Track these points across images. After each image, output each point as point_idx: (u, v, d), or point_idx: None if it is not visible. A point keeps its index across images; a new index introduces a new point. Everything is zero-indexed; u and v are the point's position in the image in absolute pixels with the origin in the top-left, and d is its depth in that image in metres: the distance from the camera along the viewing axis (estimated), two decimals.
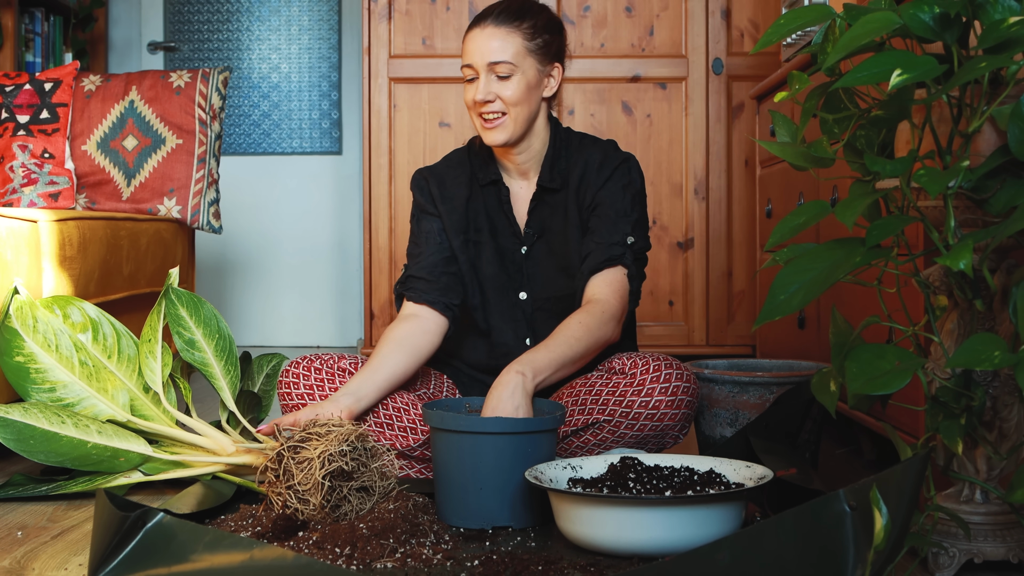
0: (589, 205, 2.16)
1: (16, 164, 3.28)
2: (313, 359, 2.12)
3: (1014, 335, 1.47)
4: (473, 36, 2.12)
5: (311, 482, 1.74)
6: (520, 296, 2.19)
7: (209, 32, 5.10)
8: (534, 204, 2.20)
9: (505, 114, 2.10)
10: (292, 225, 5.09)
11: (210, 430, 2.10)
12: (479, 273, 2.20)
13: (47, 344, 2.14)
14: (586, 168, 2.18)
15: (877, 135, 1.57)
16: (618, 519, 1.60)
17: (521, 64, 2.10)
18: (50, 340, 2.14)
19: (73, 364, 2.14)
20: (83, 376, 2.13)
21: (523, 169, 2.21)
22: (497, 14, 2.12)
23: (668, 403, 2.00)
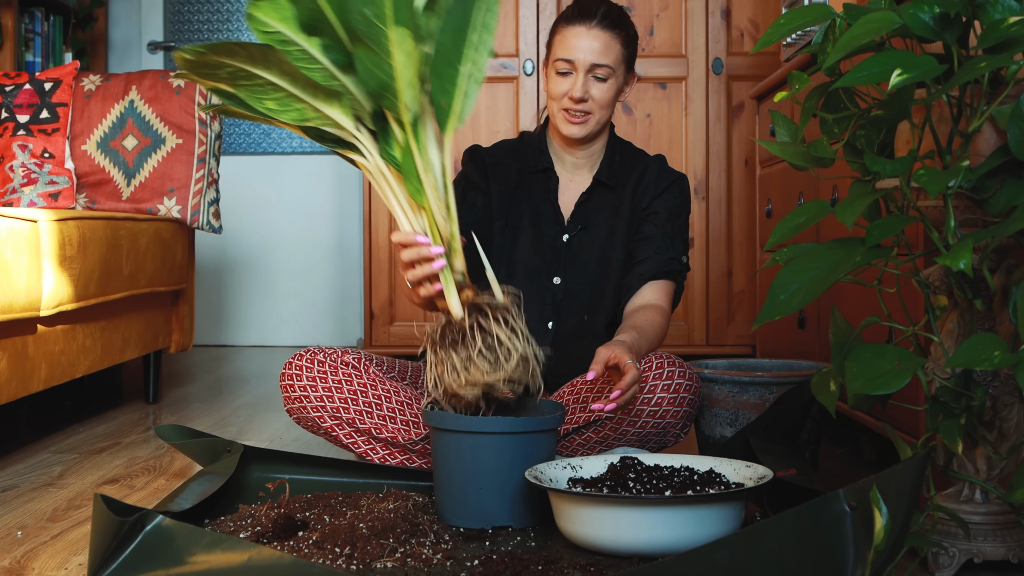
0: (645, 209, 2.25)
1: (16, 164, 3.27)
2: (316, 352, 2.13)
3: (1014, 335, 1.47)
4: (578, 33, 2.16)
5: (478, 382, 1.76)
6: (554, 281, 2.23)
7: (209, 32, 5.10)
8: (585, 197, 2.26)
9: (591, 113, 2.17)
10: (292, 225, 5.09)
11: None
12: (511, 257, 2.23)
13: None
14: (645, 173, 2.27)
15: (877, 135, 1.57)
16: (618, 519, 1.60)
17: (617, 70, 2.17)
18: None
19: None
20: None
21: (580, 164, 2.28)
22: (602, 17, 2.17)
23: (671, 400, 2.01)
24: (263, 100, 1.65)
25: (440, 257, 1.79)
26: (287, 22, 1.58)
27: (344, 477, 2.02)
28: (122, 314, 3.04)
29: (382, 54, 1.59)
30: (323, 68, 1.65)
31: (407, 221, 1.81)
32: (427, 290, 1.82)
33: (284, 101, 1.65)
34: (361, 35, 1.56)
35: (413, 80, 1.65)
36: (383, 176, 1.79)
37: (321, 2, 1.58)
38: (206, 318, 5.08)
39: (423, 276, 1.80)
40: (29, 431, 2.90)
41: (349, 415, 2.08)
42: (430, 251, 1.78)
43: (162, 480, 2.30)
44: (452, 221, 1.79)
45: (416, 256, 1.79)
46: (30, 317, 2.43)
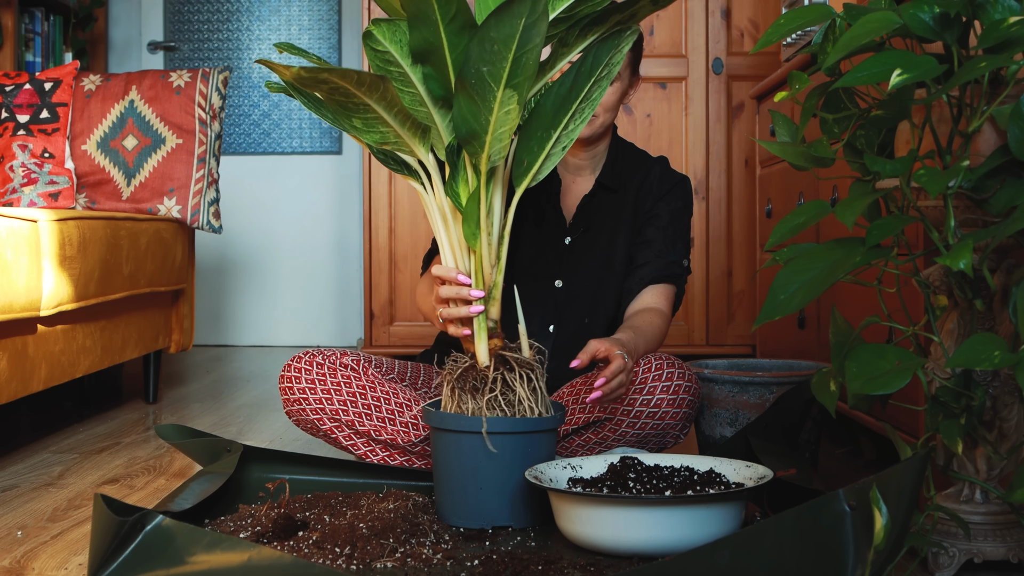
0: (647, 212, 2.24)
1: (16, 164, 3.27)
2: (315, 354, 2.13)
3: (1014, 335, 1.47)
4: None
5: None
6: (556, 284, 2.22)
7: (209, 32, 5.10)
8: (587, 199, 2.26)
9: (595, 116, 2.17)
10: (292, 225, 5.09)
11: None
12: (513, 259, 2.24)
13: None
14: (648, 176, 2.27)
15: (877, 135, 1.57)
16: (618, 519, 1.60)
17: (623, 73, 2.19)
18: None
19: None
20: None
21: (582, 166, 2.28)
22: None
23: (670, 402, 2.01)
24: (351, 117, 1.67)
25: (479, 302, 1.80)
26: (399, 45, 1.62)
27: (344, 477, 2.02)
28: (122, 314, 3.04)
29: (483, 107, 1.63)
30: (416, 94, 1.69)
31: (452, 258, 1.83)
32: (457, 329, 1.83)
33: (371, 123, 1.68)
34: (468, 85, 1.60)
35: (504, 137, 1.69)
36: (441, 210, 1.81)
37: (442, 42, 1.61)
38: (206, 318, 5.08)
39: (457, 316, 1.81)
40: (29, 431, 2.90)
41: (348, 417, 2.08)
42: (470, 294, 1.80)
43: (162, 480, 2.30)
44: (500, 271, 1.81)
45: (455, 295, 1.81)
46: (30, 317, 2.43)
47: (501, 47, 1.55)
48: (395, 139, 1.72)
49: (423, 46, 1.62)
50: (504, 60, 1.57)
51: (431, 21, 1.57)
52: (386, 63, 1.65)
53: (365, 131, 1.70)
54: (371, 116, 1.66)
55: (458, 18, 1.58)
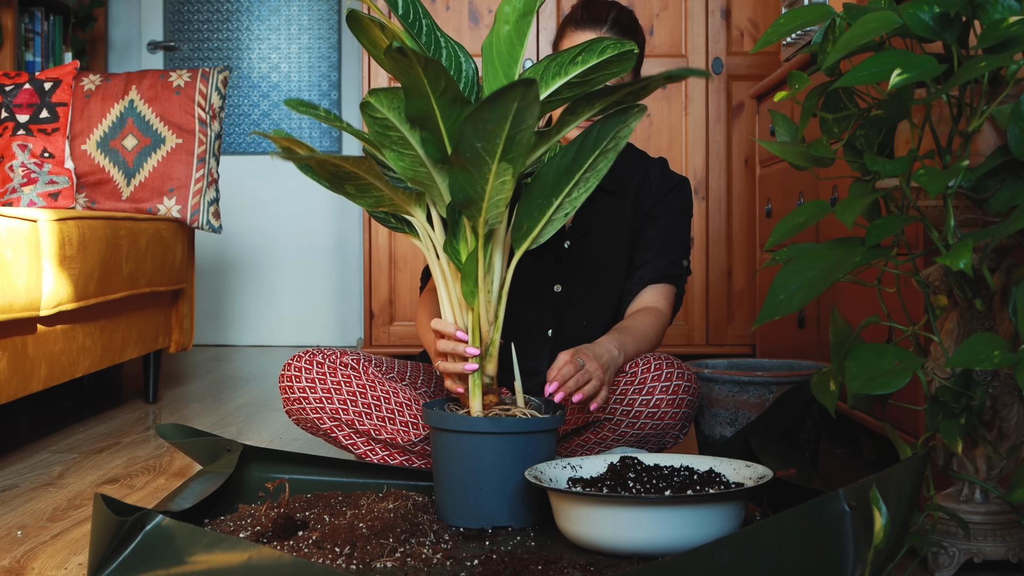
0: (646, 213, 2.23)
1: (16, 163, 3.27)
2: (315, 353, 2.13)
3: (1014, 335, 1.47)
4: (581, 38, 2.14)
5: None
6: (555, 288, 2.21)
7: (209, 32, 5.10)
8: (586, 203, 2.23)
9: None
10: (292, 225, 5.09)
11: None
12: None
13: None
14: (647, 178, 2.25)
15: (877, 135, 1.57)
16: (618, 519, 1.60)
17: (625, 77, 2.15)
18: None
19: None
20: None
21: None
22: (612, 23, 2.15)
23: (669, 402, 2.01)
24: (344, 185, 1.71)
25: (474, 360, 1.81)
26: (396, 112, 1.65)
27: (344, 477, 2.02)
28: (122, 314, 3.04)
29: (478, 178, 1.66)
30: (416, 156, 1.72)
31: (451, 312, 1.85)
32: (453, 384, 1.85)
33: (364, 188, 1.72)
34: (464, 158, 1.63)
35: (500, 204, 1.72)
36: (440, 266, 1.84)
37: (435, 112, 1.65)
38: (206, 318, 5.08)
39: (454, 372, 1.83)
40: (29, 431, 2.90)
41: (348, 416, 2.08)
42: (466, 351, 1.81)
43: (162, 480, 2.30)
44: (496, 329, 1.83)
45: (451, 350, 1.82)
46: (30, 317, 2.43)
47: (495, 127, 1.59)
48: (389, 202, 1.76)
49: (418, 114, 1.66)
50: (498, 138, 1.60)
51: (423, 94, 1.61)
52: (385, 128, 1.68)
53: (359, 196, 1.74)
54: (363, 183, 1.70)
55: (447, 92, 1.62)
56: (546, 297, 2.22)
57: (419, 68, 1.55)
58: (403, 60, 1.54)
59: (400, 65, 1.56)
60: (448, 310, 1.85)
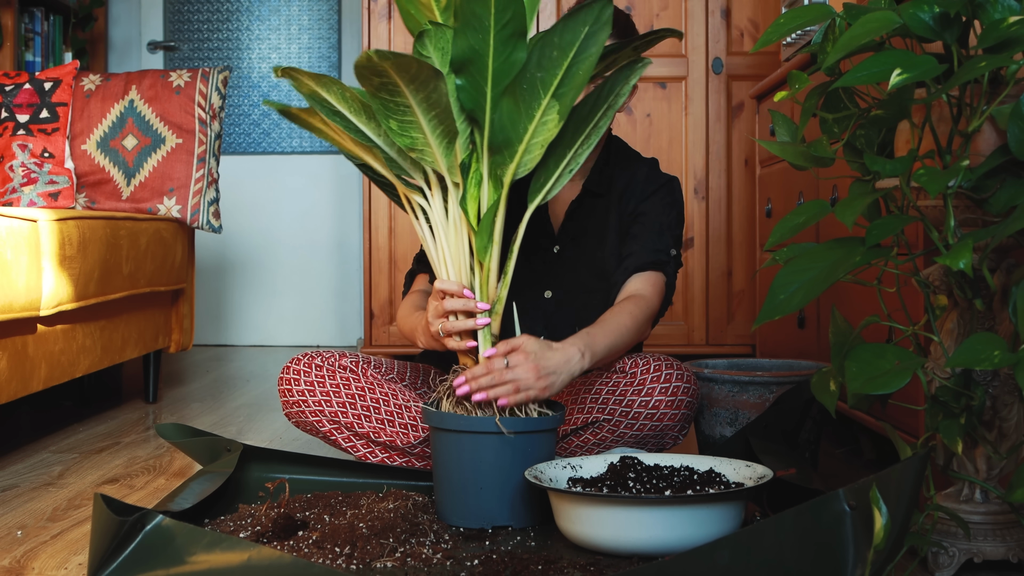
0: (631, 213, 2.20)
1: (16, 163, 3.28)
2: (314, 356, 2.12)
3: (1014, 335, 1.47)
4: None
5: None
6: (545, 295, 2.20)
7: (209, 32, 5.10)
8: (575, 206, 2.21)
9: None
10: (292, 225, 5.09)
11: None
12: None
13: None
14: (633, 179, 2.22)
15: (877, 135, 1.57)
16: (618, 519, 1.60)
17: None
18: None
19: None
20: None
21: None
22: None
23: (668, 403, 2.00)
24: (389, 118, 1.68)
25: (485, 314, 1.80)
26: (440, 52, 1.64)
27: (344, 477, 2.02)
28: (122, 314, 3.04)
29: (525, 114, 1.66)
30: (416, 122, 1.69)
31: (455, 272, 1.83)
32: (457, 343, 1.83)
33: (406, 125, 1.68)
34: (519, 90, 1.63)
35: (535, 148, 1.71)
36: (447, 224, 1.82)
37: (488, 49, 1.63)
38: (206, 318, 5.08)
39: (460, 329, 1.81)
40: (29, 431, 2.90)
41: (348, 419, 2.08)
42: (476, 306, 1.80)
43: (162, 480, 2.30)
44: (505, 286, 1.82)
45: (462, 307, 1.81)
46: (30, 317, 2.43)
47: (560, 53, 1.58)
48: (423, 146, 1.72)
49: (467, 54, 1.63)
50: (559, 67, 1.60)
51: (483, 27, 1.59)
52: (392, 94, 1.65)
53: (400, 133, 1.70)
54: (408, 118, 1.67)
55: (511, 24, 1.59)
56: (537, 304, 2.20)
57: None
58: None
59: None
60: (451, 271, 1.83)
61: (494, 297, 1.82)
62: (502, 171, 1.74)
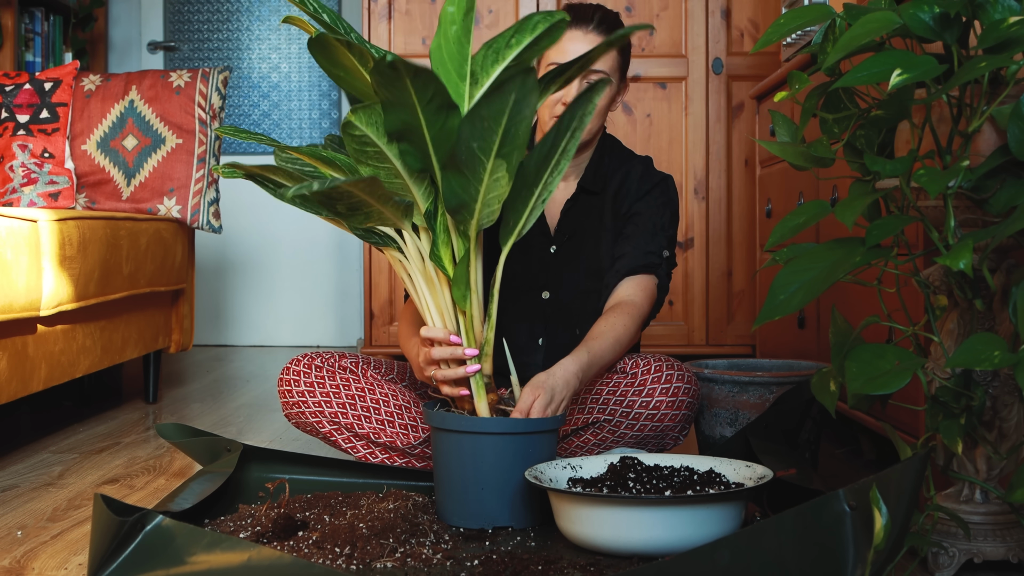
0: (625, 213, 2.19)
1: (16, 164, 3.28)
2: (314, 357, 2.12)
3: (1014, 335, 1.47)
4: (573, 38, 2.12)
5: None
6: (543, 296, 2.19)
7: (209, 32, 5.10)
8: (570, 205, 2.21)
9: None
10: (292, 225, 5.09)
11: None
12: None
13: None
14: (627, 177, 2.21)
15: (877, 135, 1.57)
16: (618, 519, 1.60)
17: (612, 77, 2.12)
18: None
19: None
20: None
21: (567, 172, 2.22)
22: (598, 22, 2.13)
23: (669, 404, 2.00)
24: (335, 205, 1.69)
25: (474, 361, 1.79)
26: (374, 127, 1.65)
27: (344, 477, 2.02)
28: (122, 314, 3.04)
29: (472, 180, 1.67)
30: (392, 168, 1.71)
31: (438, 319, 1.83)
32: (452, 390, 1.82)
33: (356, 207, 1.70)
34: (459, 162, 1.64)
35: (493, 203, 1.72)
36: (423, 275, 1.82)
37: (420, 122, 1.64)
38: (206, 318, 5.08)
39: (452, 378, 1.81)
40: (29, 431, 2.90)
41: (347, 420, 2.08)
42: (464, 353, 1.79)
43: (162, 480, 2.30)
44: (490, 328, 1.82)
45: (449, 355, 1.80)
46: (30, 317, 2.43)
47: (492, 123, 1.59)
48: (378, 217, 1.74)
49: (400, 127, 1.65)
50: (494, 134, 1.60)
51: (408, 104, 1.60)
52: (362, 144, 1.67)
53: (349, 215, 1.72)
54: (355, 201, 1.69)
55: (435, 99, 1.60)
56: (534, 305, 2.20)
57: (407, 79, 1.55)
58: (391, 73, 1.54)
59: (386, 79, 1.56)
60: (436, 317, 1.83)
61: (481, 340, 1.82)
62: (465, 227, 1.75)
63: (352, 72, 1.70)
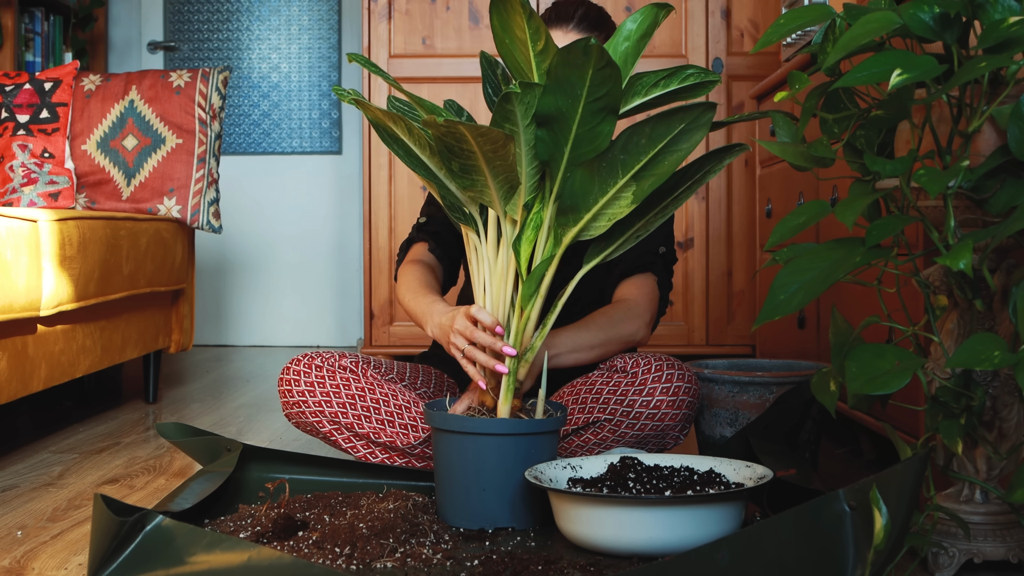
0: None
1: (16, 164, 3.28)
2: (314, 356, 2.12)
3: (1014, 335, 1.47)
4: (555, 36, 2.12)
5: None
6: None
7: (209, 32, 5.10)
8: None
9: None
10: (292, 225, 5.09)
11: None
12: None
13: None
14: None
15: (877, 135, 1.57)
16: (618, 519, 1.60)
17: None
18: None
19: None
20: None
21: None
22: (579, 19, 2.13)
23: (669, 403, 2.00)
24: (452, 162, 1.68)
25: (510, 362, 1.79)
26: (524, 107, 1.64)
27: (344, 477, 2.02)
28: (122, 314, 3.04)
29: (598, 189, 1.67)
30: (518, 155, 1.69)
31: (491, 306, 1.82)
32: (475, 371, 1.83)
33: (468, 169, 1.68)
34: (595, 168, 1.65)
35: (602, 219, 1.73)
36: (494, 261, 1.82)
37: (575, 115, 1.63)
38: (206, 318, 5.08)
39: (483, 363, 1.81)
40: (29, 431, 2.90)
41: (348, 420, 2.08)
42: (502, 349, 1.79)
43: (162, 480, 2.30)
44: (541, 337, 1.81)
45: (490, 344, 1.80)
46: (30, 317, 2.43)
47: (647, 142, 1.59)
48: (481, 188, 1.72)
49: (551, 111, 1.62)
50: (644, 154, 1.61)
51: (574, 94, 1.58)
52: (504, 119, 1.65)
53: (461, 176, 1.70)
54: (472, 163, 1.66)
55: (604, 98, 1.59)
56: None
57: (591, 68, 1.52)
58: (581, 57, 1.51)
59: (572, 60, 1.53)
60: (489, 303, 1.82)
61: (527, 345, 1.81)
62: (564, 231, 1.74)
63: (518, 44, 1.68)
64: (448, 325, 1.91)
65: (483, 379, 1.82)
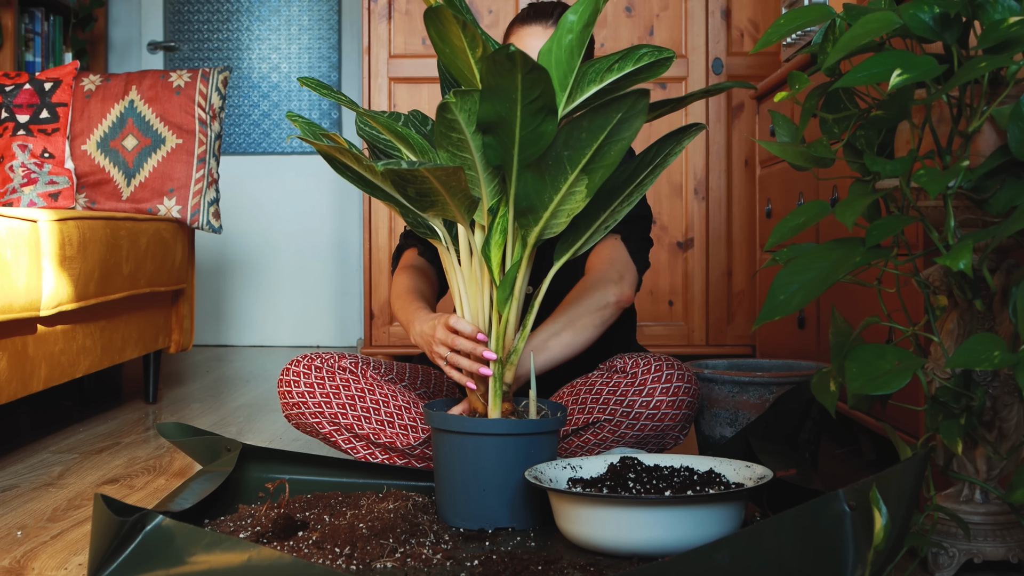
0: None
1: (16, 164, 3.28)
2: (313, 357, 2.12)
3: (1014, 335, 1.47)
4: (533, 33, 2.13)
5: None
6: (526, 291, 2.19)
7: (209, 32, 5.10)
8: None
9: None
10: (292, 225, 5.09)
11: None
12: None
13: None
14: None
15: (877, 135, 1.57)
16: (618, 519, 1.60)
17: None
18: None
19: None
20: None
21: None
22: (558, 17, 2.13)
23: (669, 403, 2.00)
24: (407, 188, 1.68)
25: (493, 364, 1.79)
26: (466, 114, 1.64)
27: (344, 477, 2.02)
28: (122, 314, 3.04)
29: (550, 187, 1.68)
30: (468, 160, 1.70)
31: (470, 316, 1.83)
32: (460, 376, 1.83)
33: (425, 192, 1.69)
34: (543, 168, 1.65)
35: (562, 215, 1.73)
36: (467, 271, 1.82)
37: (515, 119, 1.63)
38: (206, 318, 5.08)
39: (466, 368, 1.82)
40: (29, 431, 2.90)
41: (347, 420, 2.08)
42: (484, 354, 1.79)
43: (162, 480, 2.30)
44: (522, 338, 1.82)
45: (471, 350, 1.81)
46: (30, 317, 2.43)
47: (589, 136, 1.59)
48: (442, 207, 1.72)
49: (492, 119, 1.63)
50: (588, 148, 1.61)
51: (510, 99, 1.59)
52: (450, 129, 1.66)
53: (416, 200, 1.70)
54: (428, 188, 1.67)
55: (539, 100, 1.59)
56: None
57: (519, 73, 1.53)
58: (506, 64, 1.52)
59: (499, 68, 1.54)
60: (468, 314, 1.83)
61: (510, 348, 1.82)
62: (527, 232, 1.75)
63: (458, 52, 1.69)
64: (430, 334, 1.91)
65: (471, 380, 1.83)
